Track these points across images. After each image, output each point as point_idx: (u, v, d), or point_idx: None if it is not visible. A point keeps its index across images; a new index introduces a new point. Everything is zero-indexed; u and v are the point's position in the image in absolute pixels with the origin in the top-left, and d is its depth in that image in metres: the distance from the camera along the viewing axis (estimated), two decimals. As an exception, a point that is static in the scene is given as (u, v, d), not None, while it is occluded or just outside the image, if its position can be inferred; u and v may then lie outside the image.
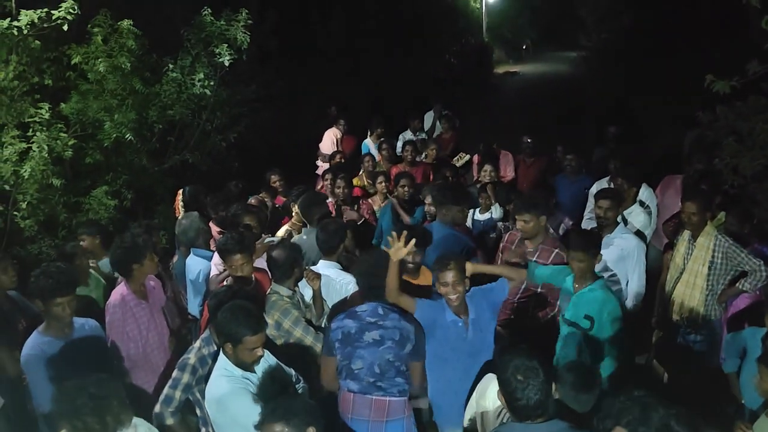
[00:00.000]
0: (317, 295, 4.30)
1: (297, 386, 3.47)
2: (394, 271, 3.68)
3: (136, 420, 3.09)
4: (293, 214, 5.80)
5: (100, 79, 6.60)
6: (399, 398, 3.57)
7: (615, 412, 2.22)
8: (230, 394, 3.14)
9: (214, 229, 5.48)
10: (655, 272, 5.43)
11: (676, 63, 12.81)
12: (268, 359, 3.38)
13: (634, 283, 4.90)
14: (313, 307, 4.31)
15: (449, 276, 3.73)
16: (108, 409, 2.79)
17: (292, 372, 3.48)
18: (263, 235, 5.20)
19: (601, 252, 4.42)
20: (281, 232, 5.73)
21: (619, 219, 5.35)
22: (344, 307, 4.16)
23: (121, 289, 4.27)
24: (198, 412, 3.67)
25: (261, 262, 4.61)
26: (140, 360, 4.24)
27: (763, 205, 5.97)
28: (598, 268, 4.71)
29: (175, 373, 3.59)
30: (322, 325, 4.27)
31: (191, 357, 3.60)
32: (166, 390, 3.56)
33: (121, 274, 4.43)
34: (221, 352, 3.28)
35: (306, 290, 4.35)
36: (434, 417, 4.06)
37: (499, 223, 6.02)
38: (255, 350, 3.20)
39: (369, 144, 9.68)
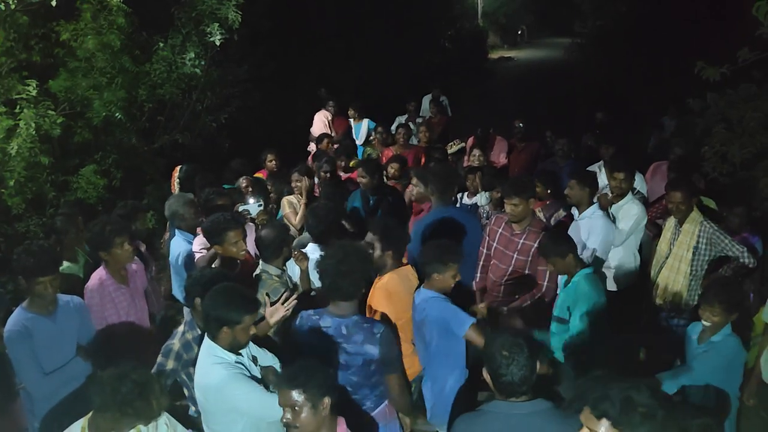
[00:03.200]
0: (304, 275, 4.32)
1: (275, 365, 3.45)
2: None
3: None
4: (293, 184, 5.90)
5: (89, 57, 6.53)
6: (374, 408, 3.48)
7: (581, 393, 2.24)
8: (230, 380, 3.06)
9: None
10: (645, 259, 5.45)
11: (669, 50, 12.80)
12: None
13: (587, 252, 4.93)
14: (300, 286, 4.32)
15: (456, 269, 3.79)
16: (152, 393, 2.83)
17: (270, 355, 3.44)
18: (236, 204, 5.17)
19: (570, 232, 4.75)
20: (284, 202, 5.83)
21: (595, 200, 5.37)
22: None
23: (99, 273, 4.23)
24: (186, 392, 3.65)
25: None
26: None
27: (750, 192, 6.02)
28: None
29: (159, 359, 3.55)
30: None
31: (175, 342, 3.56)
32: None
33: (94, 260, 4.41)
34: (207, 338, 3.20)
35: (294, 269, 4.36)
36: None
37: (480, 209, 6.04)
38: (250, 329, 3.18)
39: (352, 125, 9.77)
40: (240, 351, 3.20)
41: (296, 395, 2.64)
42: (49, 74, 6.47)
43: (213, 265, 4.30)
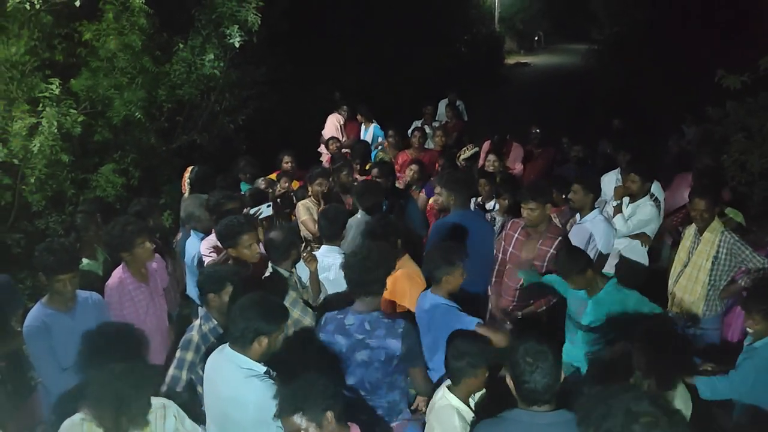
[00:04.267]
0: (313, 277, 4.34)
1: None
2: None
3: (164, 401, 3.15)
4: (309, 192, 5.92)
5: (110, 57, 6.57)
6: (384, 415, 3.49)
7: (585, 414, 2.21)
8: (270, 392, 3.00)
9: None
10: (664, 267, 5.46)
11: (687, 58, 12.72)
12: None
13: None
14: (309, 288, 4.35)
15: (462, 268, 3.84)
16: (148, 390, 2.91)
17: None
18: (246, 208, 5.16)
19: (571, 236, 4.91)
20: (301, 208, 5.81)
21: (597, 204, 5.46)
22: (338, 302, 4.16)
23: (119, 272, 4.26)
24: (199, 389, 3.66)
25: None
26: None
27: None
28: None
29: (179, 353, 3.59)
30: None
31: (194, 335, 3.61)
32: (171, 371, 3.58)
33: (113, 260, 4.45)
34: (233, 349, 3.13)
35: (303, 272, 4.38)
36: None
37: (488, 215, 6.04)
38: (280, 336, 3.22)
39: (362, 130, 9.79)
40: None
41: (297, 419, 2.63)
42: (71, 73, 6.52)
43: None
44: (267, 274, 4.25)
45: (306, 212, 5.85)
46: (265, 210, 5.22)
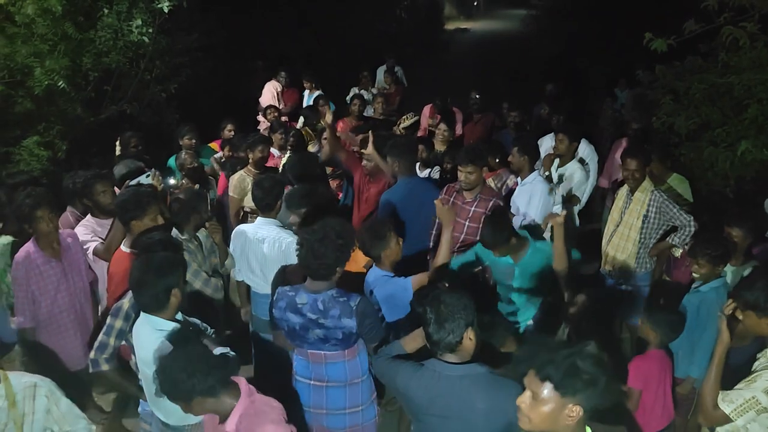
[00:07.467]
0: (220, 246, 4.39)
1: (208, 332, 3.43)
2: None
3: (36, 380, 2.90)
4: (250, 159, 5.76)
5: (28, 23, 6.24)
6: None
7: (528, 356, 2.26)
8: None
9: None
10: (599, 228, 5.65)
11: (622, 22, 12.96)
12: None
13: (529, 217, 5.15)
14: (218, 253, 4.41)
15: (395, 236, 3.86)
16: None
17: (197, 321, 3.44)
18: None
19: (514, 198, 5.13)
20: (236, 178, 5.67)
21: (537, 167, 5.63)
22: (284, 275, 4.12)
23: (28, 246, 4.08)
24: (132, 357, 3.57)
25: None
26: (46, 320, 4.14)
27: (696, 162, 6.19)
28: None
29: (108, 320, 3.52)
30: (229, 272, 4.49)
31: (125, 302, 3.53)
32: (100, 337, 3.50)
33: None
34: (146, 315, 3.17)
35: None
36: None
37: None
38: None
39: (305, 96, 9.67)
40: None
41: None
42: (-14, 41, 6.18)
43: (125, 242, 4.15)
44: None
45: (235, 188, 5.64)
46: (144, 179, 4.99)
